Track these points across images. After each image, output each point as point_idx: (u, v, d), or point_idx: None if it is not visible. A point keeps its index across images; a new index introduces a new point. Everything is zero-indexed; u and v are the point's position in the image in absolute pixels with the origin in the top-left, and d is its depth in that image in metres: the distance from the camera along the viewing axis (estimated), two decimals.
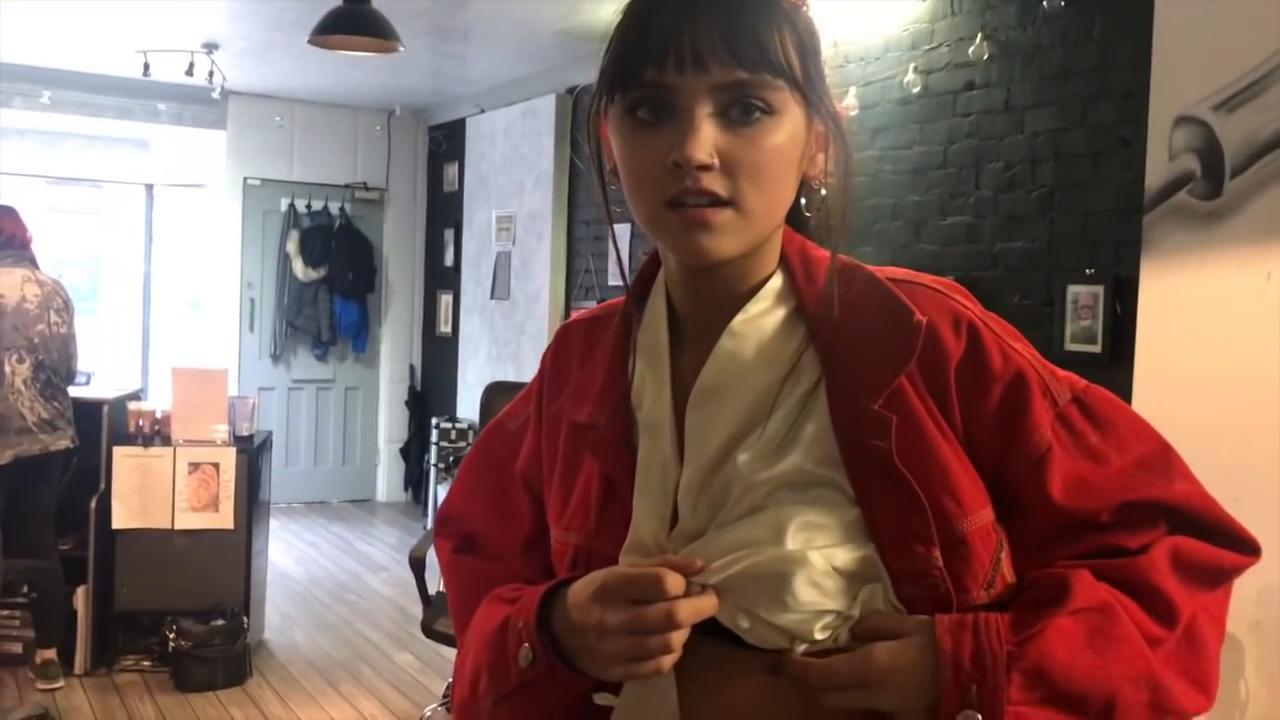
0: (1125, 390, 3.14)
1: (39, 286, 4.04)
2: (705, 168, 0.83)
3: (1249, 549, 0.90)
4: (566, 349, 1.02)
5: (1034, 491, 0.87)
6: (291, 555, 6.27)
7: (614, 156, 0.90)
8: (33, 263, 4.12)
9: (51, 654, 4.13)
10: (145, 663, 4.31)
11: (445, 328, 7.49)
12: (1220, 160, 2.98)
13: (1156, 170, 3.13)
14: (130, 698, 4.06)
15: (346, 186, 7.58)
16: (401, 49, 3.86)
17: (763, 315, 0.91)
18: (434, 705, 3.96)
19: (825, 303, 0.90)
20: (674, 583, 0.82)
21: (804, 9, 0.88)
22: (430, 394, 7.68)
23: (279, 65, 6.26)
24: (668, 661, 0.83)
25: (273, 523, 6.88)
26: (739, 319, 0.90)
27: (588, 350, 0.99)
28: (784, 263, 0.93)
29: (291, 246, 7.47)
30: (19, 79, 6.48)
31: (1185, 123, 3.05)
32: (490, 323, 6.77)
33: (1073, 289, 3.50)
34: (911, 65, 3.94)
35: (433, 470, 6.74)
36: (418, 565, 3.71)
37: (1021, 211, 3.65)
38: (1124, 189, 3.35)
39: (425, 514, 7.12)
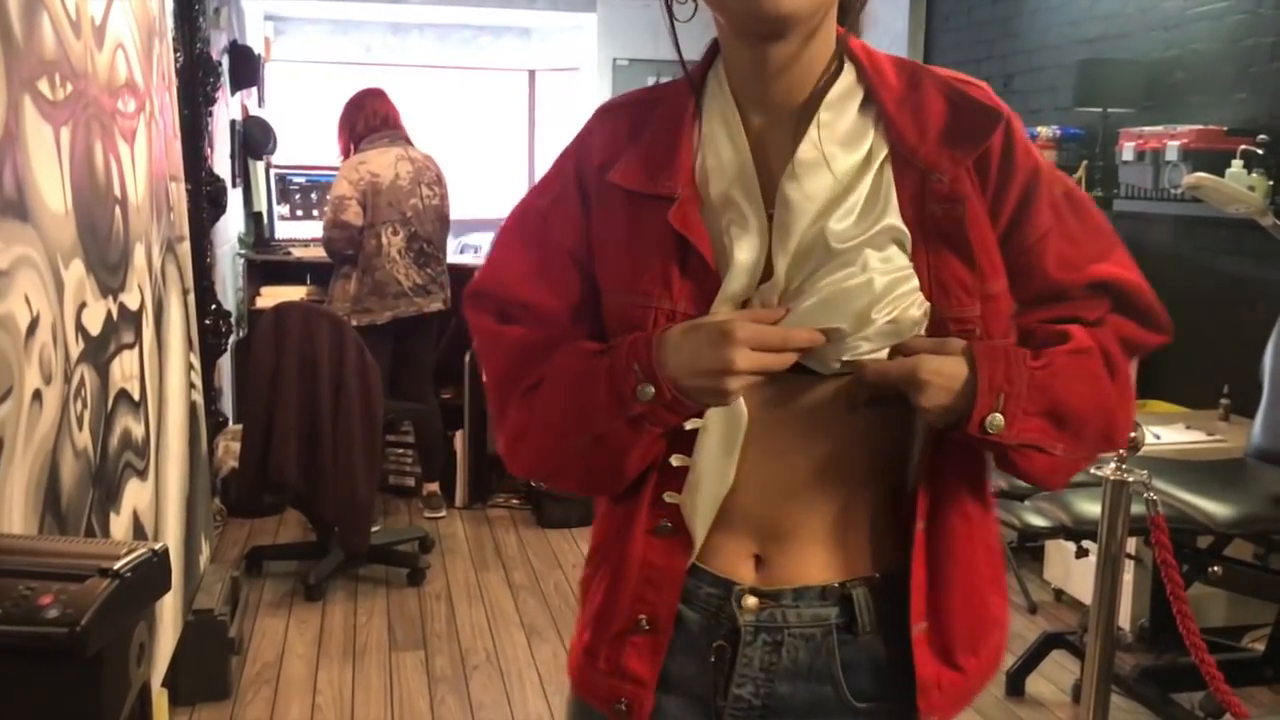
0: None
1: (411, 164, 4.51)
2: None
3: (1164, 330, 1.14)
4: (612, 128, 1.11)
5: (1032, 262, 1.07)
6: None
7: None
8: (406, 141, 4.58)
9: (435, 487, 4.72)
10: (514, 500, 4.82)
11: None
12: None
13: None
14: (498, 529, 4.57)
15: None
16: None
17: (843, 101, 1.05)
18: None
19: (893, 92, 1.05)
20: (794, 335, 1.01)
21: None
22: None
23: None
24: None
25: None
26: (829, 103, 1.04)
27: (637, 129, 1.09)
28: (851, 59, 1.07)
29: None
30: None
31: None
32: None
33: None
34: None
35: None
36: None
37: None
38: None
39: None
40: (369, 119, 4.56)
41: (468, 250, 5.77)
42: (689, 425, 1.05)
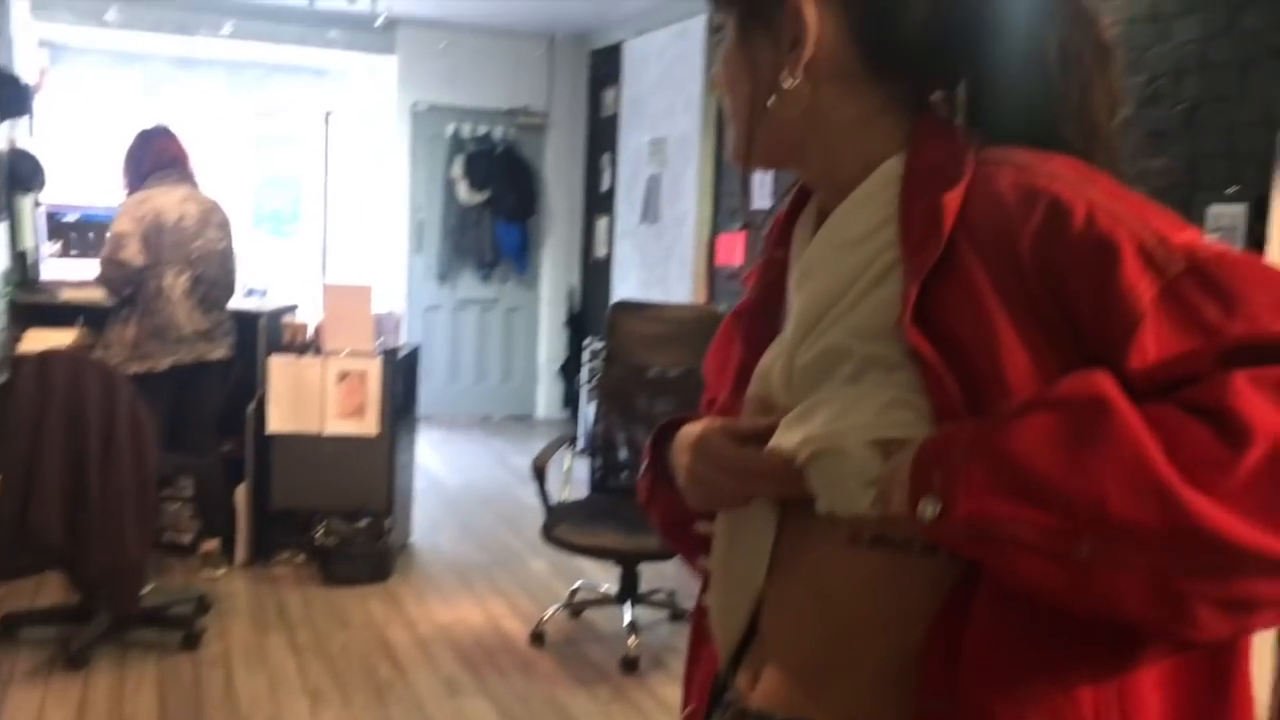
0: None
1: (197, 205, 4.33)
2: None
3: None
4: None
5: (1119, 368, 0.76)
6: (448, 465, 6.57)
7: None
8: (193, 182, 4.40)
9: (214, 545, 4.49)
10: (299, 557, 4.63)
11: (601, 251, 7.62)
12: None
13: None
14: (282, 588, 4.38)
15: (509, 112, 7.75)
16: None
17: (865, 199, 0.91)
18: (555, 607, 4.12)
19: (918, 179, 0.88)
20: (754, 463, 0.92)
21: None
22: (588, 316, 7.85)
23: None
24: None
25: (435, 434, 7.22)
26: (840, 206, 0.93)
27: None
28: (911, 147, 0.92)
29: (456, 171, 7.72)
30: (203, 9, 6.86)
31: None
32: (640, 246, 6.85)
33: (1214, 209, 3.31)
34: None
35: (583, 390, 6.90)
36: (538, 473, 3.87)
37: (1164, 127, 3.46)
38: (1272, 102, 3.13)
39: (577, 432, 7.30)
40: (157, 156, 4.37)
41: (254, 294, 5.56)
42: (701, 528, 1.05)
